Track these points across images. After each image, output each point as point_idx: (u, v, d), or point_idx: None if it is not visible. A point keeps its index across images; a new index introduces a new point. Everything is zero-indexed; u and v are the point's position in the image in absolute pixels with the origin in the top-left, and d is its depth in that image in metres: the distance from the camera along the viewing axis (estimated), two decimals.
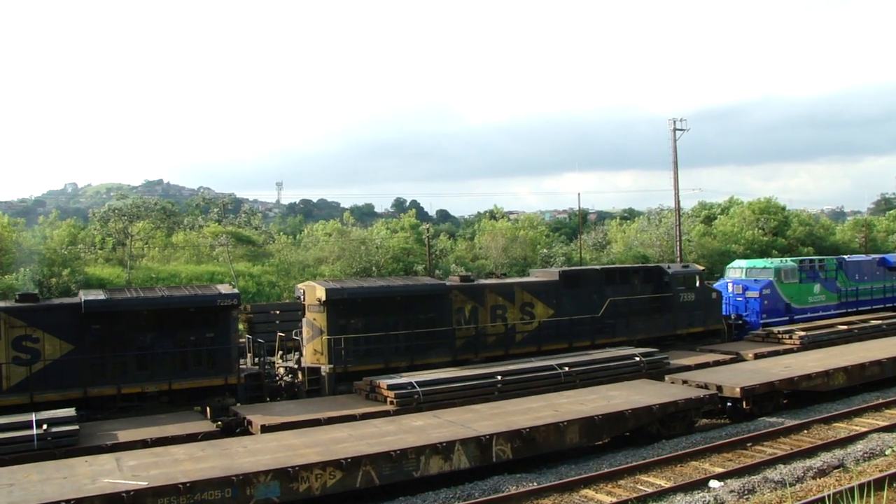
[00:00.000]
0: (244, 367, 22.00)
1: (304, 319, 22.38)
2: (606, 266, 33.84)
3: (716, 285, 32.71)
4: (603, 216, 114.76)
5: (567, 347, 24.62)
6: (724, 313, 30.51)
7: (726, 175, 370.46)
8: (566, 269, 30.66)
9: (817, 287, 33.62)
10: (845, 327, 30.01)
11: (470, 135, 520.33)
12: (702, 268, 31.39)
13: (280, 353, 23.98)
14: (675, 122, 52.82)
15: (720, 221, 76.74)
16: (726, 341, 29.05)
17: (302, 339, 22.52)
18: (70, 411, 16.54)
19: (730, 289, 32.21)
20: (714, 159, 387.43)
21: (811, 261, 34.76)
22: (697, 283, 28.71)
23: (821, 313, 33.16)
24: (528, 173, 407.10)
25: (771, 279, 31.77)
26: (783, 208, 78.66)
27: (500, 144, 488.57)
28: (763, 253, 64.82)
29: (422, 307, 22.72)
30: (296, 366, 22.30)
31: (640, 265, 33.21)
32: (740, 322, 31.20)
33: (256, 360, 22.17)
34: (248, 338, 23.44)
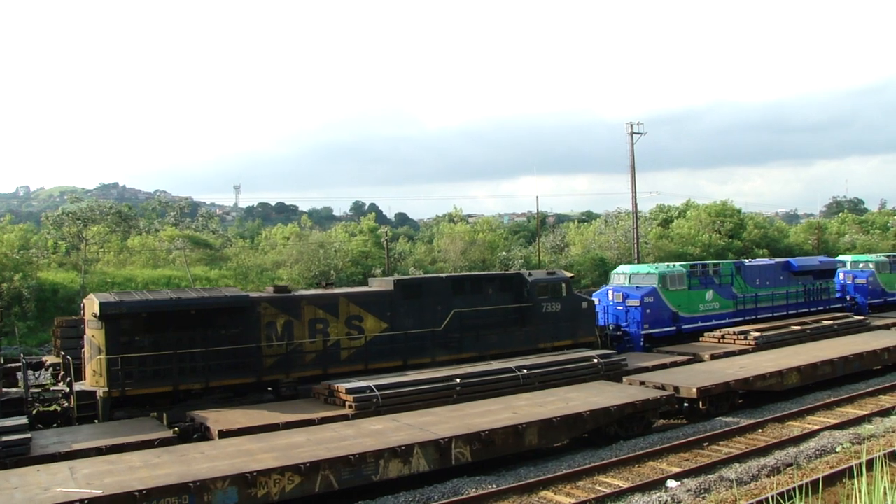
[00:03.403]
0: (13, 390, 19.91)
1: (84, 337, 20.01)
2: (454, 274, 30.96)
3: (596, 293, 30.99)
4: (561, 219, 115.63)
5: (402, 365, 22.46)
6: (601, 323, 28.48)
7: (681, 178, 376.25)
8: (403, 277, 28.04)
9: (709, 294, 31.35)
10: (798, 328, 30.54)
11: (426, 139, 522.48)
12: (570, 275, 28.90)
13: (62, 373, 21.52)
14: (632, 125, 53.33)
15: (677, 224, 77.75)
16: None
17: (85, 358, 20.04)
18: (22, 419, 16.19)
19: (610, 297, 29.90)
20: (668, 163, 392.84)
21: (704, 265, 32.47)
22: (564, 292, 26.16)
23: (714, 322, 31.01)
24: (485, 177, 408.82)
25: (654, 286, 29.37)
26: (739, 211, 80.00)
27: (457, 148, 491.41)
28: (719, 255, 65.83)
29: (223, 322, 20.31)
30: (67, 389, 20.05)
31: (496, 273, 30.69)
32: (619, 333, 28.91)
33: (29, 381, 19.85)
34: (23, 358, 20.81)
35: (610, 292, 30.10)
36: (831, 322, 32.12)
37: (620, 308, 29.35)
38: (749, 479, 15.10)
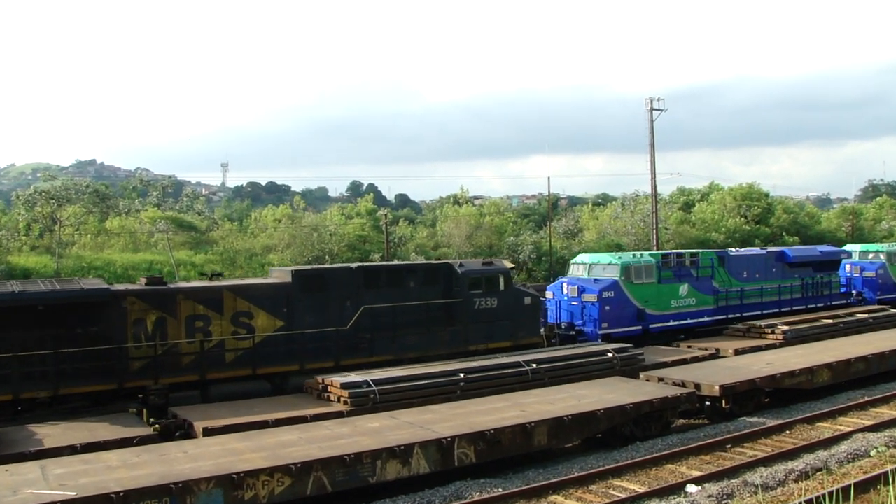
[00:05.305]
0: None
1: None
2: (367, 264, 28.65)
3: (551, 286, 29.52)
4: (574, 201, 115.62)
5: (298, 370, 21.13)
6: (552, 321, 27.25)
7: (704, 159, 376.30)
8: (303, 268, 26.22)
9: (684, 288, 29.22)
10: (830, 321, 30.47)
11: (428, 114, 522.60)
12: (511, 265, 27.36)
13: None
14: (652, 101, 53.03)
15: (699, 208, 77.56)
16: None
17: None
18: None
19: (564, 290, 27.91)
20: (689, 142, 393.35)
21: (679, 255, 30.36)
22: (502, 286, 24.46)
23: (689, 321, 29.22)
24: (491, 156, 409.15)
25: (616, 278, 27.43)
26: (766, 195, 79.68)
27: (461, 124, 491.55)
28: (745, 242, 65.63)
29: (79, 319, 18.90)
30: None
31: (419, 263, 29.09)
32: (572, 332, 26.93)
33: None
34: None
35: (564, 285, 28.24)
36: (866, 315, 32.07)
37: (575, 304, 27.44)
38: (775, 484, 15.09)
